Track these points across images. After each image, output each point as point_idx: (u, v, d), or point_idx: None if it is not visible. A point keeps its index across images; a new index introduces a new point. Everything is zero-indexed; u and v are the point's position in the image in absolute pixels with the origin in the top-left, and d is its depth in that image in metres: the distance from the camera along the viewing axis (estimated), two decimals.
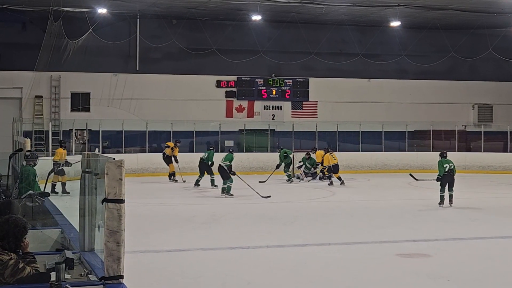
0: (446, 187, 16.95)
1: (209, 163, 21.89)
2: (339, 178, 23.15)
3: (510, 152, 30.56)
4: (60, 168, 19.00)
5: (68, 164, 19.09)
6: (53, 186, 18.98)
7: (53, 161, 19.43)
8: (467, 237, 12.31)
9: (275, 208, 17.15)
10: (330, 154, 23.75)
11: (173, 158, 24.12)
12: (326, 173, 23.86)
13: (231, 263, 9.86)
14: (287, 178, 24.55)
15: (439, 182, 17.04)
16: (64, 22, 25.90)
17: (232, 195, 19.23)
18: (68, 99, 29.13)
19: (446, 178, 16.92)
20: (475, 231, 13.13)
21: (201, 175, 22.27)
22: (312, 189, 22.10)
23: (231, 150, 21.06)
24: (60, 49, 26.85)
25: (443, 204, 16.90)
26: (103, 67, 29.21)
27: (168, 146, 24.46)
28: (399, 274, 9.19)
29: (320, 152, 24.84)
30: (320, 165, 24.65)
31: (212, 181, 21.82)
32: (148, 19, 29.38)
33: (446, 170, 16.92)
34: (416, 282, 8.77)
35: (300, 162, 25.58)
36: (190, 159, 27.56)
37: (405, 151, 31.09)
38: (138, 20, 29.43)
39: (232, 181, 19.40)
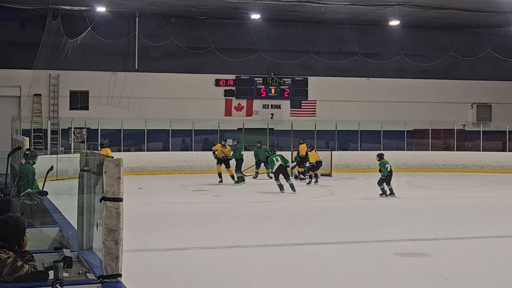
0: (385, 183, 19.04)
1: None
2: (316, 175, 23.54)
3: (509, 151, 30.57)
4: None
5: None
6: None
7: None
8: (466, 237, 12.31)
9: (274, 207, 17.15)
10: (316, 151, 24.01)
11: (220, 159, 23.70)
12: (311, 172, 23.83)
13: (229, 262, 9.85)
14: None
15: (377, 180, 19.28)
16: (63, 20, 25.89)
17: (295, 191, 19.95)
18: (67, 98, 29.10)
19: (389, 176, 19.06)
20: (474, 230, 13.12)
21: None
22: (311, 188, 22.09)
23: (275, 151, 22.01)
24: (59, 47, 26.84)
25: (386, 195, 18.98)
26: (102, 65, 29.18)
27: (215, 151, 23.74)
28: (398, 273, 9.18)
29: (304, 146, 24.80)
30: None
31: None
32: (147, 18, 29.36)
33: (389, 170, 18.99)
34: (415, 281, 8.76)
35: (293, 162, 25.56)
36: (188, 158, 27.62)
37: (404, 150, 31.09)
38: (137, 18, 29.41)
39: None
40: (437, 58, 32.24)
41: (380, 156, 19.60)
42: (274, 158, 20.36)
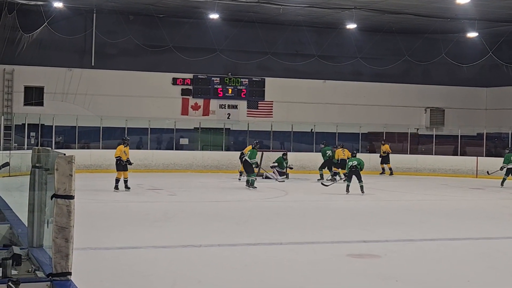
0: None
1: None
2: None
3: (460, 155, 31.14)
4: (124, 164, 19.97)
5: (129, 162, 20.22)
6: (117, 181, 19.82)
7: (115, 157, 20.30)
8: (416, 239, 12.50)
9: (229, 207, 17.19)
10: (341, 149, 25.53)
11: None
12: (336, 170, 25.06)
13: (182, 262, 9.84)
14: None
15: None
16: (18, 14, 25.55)
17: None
18: (21, 93, 28.70)
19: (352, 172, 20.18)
20: (425, 233, 13.33)
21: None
22: (266, 188, 22.18)
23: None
24: (14, 42, 26.47)
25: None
26: (58, 61, 28.86)
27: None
28: (349, 274, 9.30)
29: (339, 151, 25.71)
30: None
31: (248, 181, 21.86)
32: (104, 14, 29.12)
33: (349, 166, 20.32)
34: (365, 282, 8.88)
35: (275, 162, 25.82)
36: (143, 156, 27.45)
37: (358, 152, 31.33)
38: (94, 15, 29.16)
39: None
40: (393, 62, 32.69)
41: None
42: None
